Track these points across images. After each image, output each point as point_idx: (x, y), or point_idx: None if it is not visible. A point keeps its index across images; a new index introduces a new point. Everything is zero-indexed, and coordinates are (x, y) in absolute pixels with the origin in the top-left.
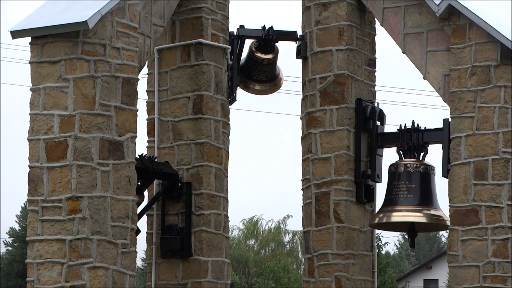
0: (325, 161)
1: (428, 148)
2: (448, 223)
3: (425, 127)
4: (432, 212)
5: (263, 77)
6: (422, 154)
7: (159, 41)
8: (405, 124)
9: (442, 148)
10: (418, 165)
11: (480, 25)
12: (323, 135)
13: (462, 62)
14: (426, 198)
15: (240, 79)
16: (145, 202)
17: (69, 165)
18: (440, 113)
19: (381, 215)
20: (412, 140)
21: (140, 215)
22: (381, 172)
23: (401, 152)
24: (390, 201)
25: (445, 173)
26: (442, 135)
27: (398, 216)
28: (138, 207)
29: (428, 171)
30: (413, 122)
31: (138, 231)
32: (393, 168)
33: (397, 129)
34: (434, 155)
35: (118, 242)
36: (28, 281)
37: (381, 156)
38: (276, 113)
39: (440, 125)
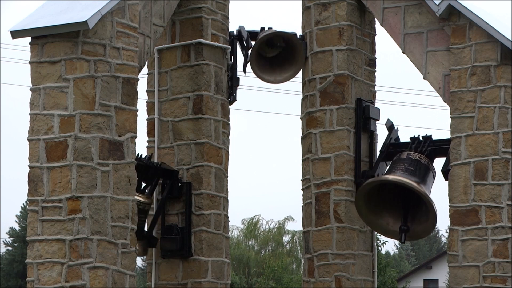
0: (325, 161)
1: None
2: (434, 207)
3: (433, 141)
4: (423, 188)
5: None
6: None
7: (159, 41)
8: (417, 136)
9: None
10: (421, 157)
11: (480, 25)
12: (323, 135)
13: (462, 62)
14: (421, 179)
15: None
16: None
17: (69, 165)
18: (440, 113)
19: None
20: (422, 150)
21: (154, 220)
22: (382, 174)
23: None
24: (387, 173)
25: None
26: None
27: (391, 178)
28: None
29: (428, 166)
30: (425, 136)
31: (153, 241)
32: (397, 155)
33: (410, 139)
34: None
35: (118, 242)
36: (28, 281)
37: (386, 164)
38: (276, 113)
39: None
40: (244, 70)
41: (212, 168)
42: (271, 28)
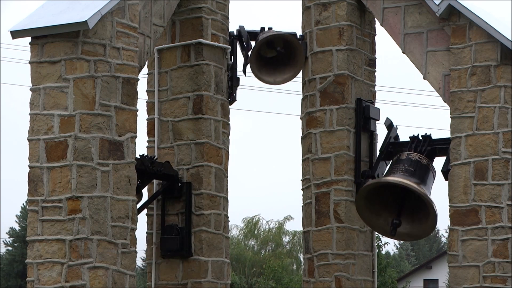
0: (325, 161)
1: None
2: (435, 208)
3: (432, 140)
4: (423, 189)
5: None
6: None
7: (159, 41)
8: (417, 135)
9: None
10: (420, 157)
11: (480, 25)
12: (323, 135)
13: (462, 62)
14: (421, 180)
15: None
16: (143, 200)
17: (69, 165)
18: (440, 113)
19: (374, 180)
20: (421, 149)
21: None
22: (382, 174)
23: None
24: (387, 174)
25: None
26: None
27: (391, 179)
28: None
29: (428, 166)
30: (425, 135)
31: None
32: (396, 156)
33: (409, 138)
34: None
35: (118, 242)
36: (28, 281)
37: (386, 163)
38: (276, 113)
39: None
40: (244, 72)
41: (212, 168)
42: (271, 28)
